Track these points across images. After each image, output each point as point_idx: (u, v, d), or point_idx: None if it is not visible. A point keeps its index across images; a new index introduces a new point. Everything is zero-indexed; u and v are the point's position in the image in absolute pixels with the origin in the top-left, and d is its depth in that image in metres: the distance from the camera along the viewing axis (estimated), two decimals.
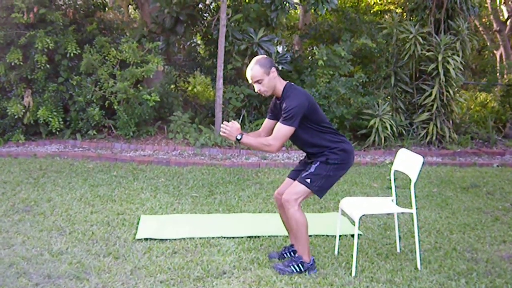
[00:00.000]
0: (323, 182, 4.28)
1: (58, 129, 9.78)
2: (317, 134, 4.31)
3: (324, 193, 4.35)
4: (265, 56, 4.44)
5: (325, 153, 4.29)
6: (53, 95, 9.95)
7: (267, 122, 4.61)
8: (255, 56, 10.51)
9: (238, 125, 4.24)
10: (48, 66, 9.81)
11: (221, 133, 4.25)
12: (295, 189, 4.27)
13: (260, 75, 4.22)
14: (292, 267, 4.29)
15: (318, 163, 4.28)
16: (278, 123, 4.22)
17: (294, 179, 4.41)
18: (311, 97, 4.30)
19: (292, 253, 4.59)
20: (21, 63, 9.68)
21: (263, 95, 4.35)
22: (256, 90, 4.32)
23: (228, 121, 4.29)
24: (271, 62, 4.29)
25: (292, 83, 4.39)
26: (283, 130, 4.16)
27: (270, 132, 4.41)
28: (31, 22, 9.96)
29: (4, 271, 4.19)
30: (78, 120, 10.05)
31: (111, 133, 10.35)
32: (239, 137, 4.19)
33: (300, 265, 4.29)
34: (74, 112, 10.03)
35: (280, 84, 4.32)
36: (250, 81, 4.32)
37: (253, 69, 4.23)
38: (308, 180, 4.24)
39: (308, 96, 4.25)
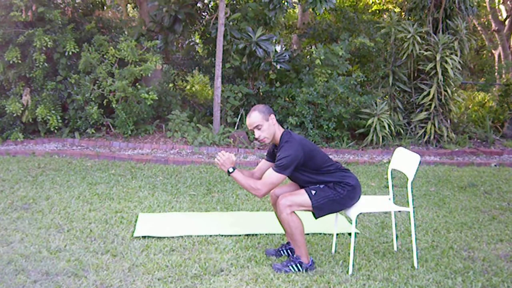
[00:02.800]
0: (325, 202, 4.25)
1: (57, 127, 9.79)
2: (316, 175, 4.31)
3: (321, 214, 4.30)
4: (264, 104, 4.50)
5: (331, 184, 4.31)
6: (52, 93, 9.96)
7: (263, 163, 4.64)
8: (253, 55, 10.60)
9: (234, 158, 4.35)
10: (46, 64, 9.83)
11: (215, 161, 4.32)
12: (295, 197, 4.26)
13: (259, 120, 4.24)
14: (290, 266, 4.30)
15: (323, 185, 4.30)
16: (270, 169, 4.25)
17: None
18: (308, 145, 4.29)
19: (289, 251, 4.60)
20: (20, 62, 9.69)
21: (263, 143, 4.40)
22: (256, 136, 4.32)
23: (227, 121, 4.31)
24: (269, 109, 4.33)
25: (290, 131, 4.39)
26: (273, 177, 4.17)
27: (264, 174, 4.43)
28: (29, 20, 9.97)
29: (3, 268, 4.20)
30: (76, 119, 10.06)
31: (109, 131, 10.36)
32: (231, 170, 4.29)
33: (298, 265, 4.30)
34: (73, 110, 10.04)
35: (279, 131, 4.33)
36: (249, 128, 4.35)
37: (252, 116, 4.27)
38: (313, 192, 4.25)
39: (304, 146, 4.23)
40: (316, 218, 4.33)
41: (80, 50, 9.90)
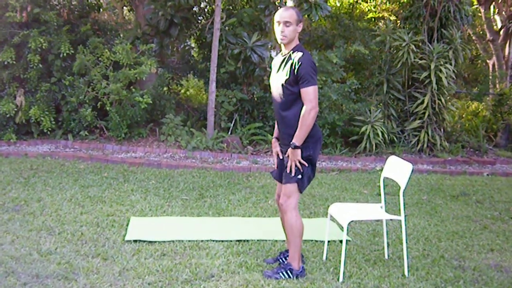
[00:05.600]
0: (304, 178, 4.27)
1: (50, 129, 9.77)
2: (297, 108, 4.23)
3: (304, 187, 4.33)
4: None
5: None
6: (46, 95, 9.93)
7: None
8: (248, 60, 10.60)
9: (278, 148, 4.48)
10: (41, 65, 9.81)
11: (290, 167, 4.25)
12: (287, 192, 4.28)
13: (293, 20, 4.24)
14: (280, 273, 4.30)
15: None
16: (301, 89, 4.15)
17: (280, 179, 4.46)
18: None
19: (285, 259, 4.61)
20: (14, 62, 9.67)
21: (280, 39, 4.31)
22: (280, 30, 4.27)
23: (221, 125, 4.32)
24: (302, 17, 4.36)
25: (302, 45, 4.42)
26: (309, 91, 4.11)
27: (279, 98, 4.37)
28: (24, 21, 9.96)
29: None
30: (70, 121, 10.04)
31: (103, 134, 10.34)
32: (295, 145, 4.18)
33: (288, 271, 4.30)
34: (66, 112, 10.02)
35: (297, 40, 4.36)
36: (278, 19, 4.28)
37: (289, 11, 4.27)
38: (300, 176, 4.25)
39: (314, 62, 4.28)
40: (301, 192, 4.35)
41: (75, 52, 9.88)
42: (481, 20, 17.17)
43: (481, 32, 18.30)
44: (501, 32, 16.43)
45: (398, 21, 12.43)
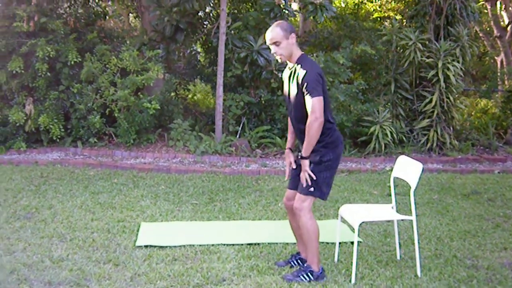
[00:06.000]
0: (322, 185, 4.26)
1: (59, 136, 9.81)
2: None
3: (327, 193, 4.34)
4: (287, 22, 4.42)
5: (318, 148, 4.24)
6: (54, 102, 9.98)
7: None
8: (255, 63, 10.61)
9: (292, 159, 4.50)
10: (49, 74, 9.86)
11: (305, 178, 4.25)
12: (305, 196, 4.27)
13: (280, 38, 4.22)
14: (301, 276, 4.29)
15: (312, 165, 4.23)
16: (308, 98, 4.13)
17: (295, 189, 4.42)
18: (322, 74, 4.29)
19: (299, 261, 4.59)
20: (23, 71, 9.73)
21: (279, 59, 4.31)
22: (272, 52, 4.31)
23: (229, 129, 4.31)
24: (292, 28, 4.30)
25: (306, 55, 4.39)
26: (316, 102, 4.08)
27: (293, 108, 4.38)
28: (32, 30, 10.03)
29: (5, 277, 4.20)
30: (79, 128, 10.08)
31: (111, 140, 10.37)
32: (302, 156, 4.22)
33: (309, 274, 4.29)
34: (75, 119, 10.06)
35: (297, 52, 4.31)
36: (268, 42, 4.31)
37: (273, 31, 4.25)
38: (312, 189, 4.25)
39: (322, 71, 4.26)
40: (325, 200, 4.41)
41: (83, 59, 9.93)
42: (488, 16, 17.13)
43: (488, 29, 18.25)
44: (509, 28, 16.38)
45: (404, 20, 12.41)
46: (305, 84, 4.12)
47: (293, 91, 4.29)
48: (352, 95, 10.52)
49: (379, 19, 15.32)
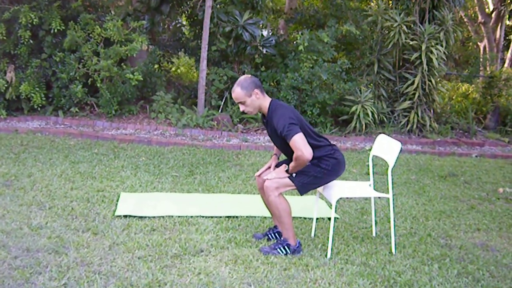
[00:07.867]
0: (308, 180, 4.30)
1: (40, 105, 9.74)
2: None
3: (306, 190, 4.34)
4: (249, 76, 4.36)
5: (316, 160, 4.29)
6: (36, 71, 9.89)
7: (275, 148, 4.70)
8: (239, 38, 10.57)
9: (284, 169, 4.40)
10: (31, 41, 9.76)
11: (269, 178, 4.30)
12: (280, 179, 4.30)
13: (242, 97, 4.23)
14: (278, 249, 4.35)
15: (309, 163, 4.25)
16: (288, 141, 4.13)
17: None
18: (296, 112, 4.30)
19: (277, 234, 4.65)
20: (5, 38, 9.61)
21: (250, 114, 4.36)
22: (241, 110, 4.35)
23: (211, 103, 4.32)
24: (255, 83, 4.26)
25: (277, 100, 4.39)
26: (296, 140, 4.07)
27: (282, 148, 4.43)
28: None
29: None
30: (60, 97, 10.01)
31: (93, 110, 10.33)
32: (292, 176, 4.29)
33: (286, 247, 4.35)
34: (57, 88, 9.99)
35: (266, 102, 4.30)
36: (235, 101, 4.36)
37: (235, 91, 4.26)
38: (294, 174, 4.29)
39: (293, 110, 4.29)
40: (301, 195, 4.39)
41: (66, 28, 9.82)
42: (473, 2, 17.18)
43: (473, 15, 18.31)
44: (493, 15, 16.45)
45: (390, 2, 12.39)
46: (281, 130, 4.13)
47: (274, 137, 4.37)
48: (335, 74, 10.54)
49: None
